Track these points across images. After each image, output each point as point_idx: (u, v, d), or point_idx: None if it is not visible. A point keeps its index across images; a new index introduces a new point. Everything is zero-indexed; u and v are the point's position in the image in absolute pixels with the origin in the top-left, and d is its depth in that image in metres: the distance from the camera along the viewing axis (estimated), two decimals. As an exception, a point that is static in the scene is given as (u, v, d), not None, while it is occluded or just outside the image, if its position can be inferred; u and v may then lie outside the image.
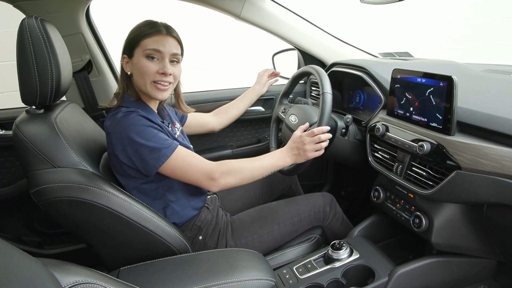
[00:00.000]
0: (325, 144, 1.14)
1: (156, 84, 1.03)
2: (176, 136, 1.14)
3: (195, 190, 1.16)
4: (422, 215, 1.04)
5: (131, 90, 1.07)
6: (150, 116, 1.02)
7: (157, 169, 0.99)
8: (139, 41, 1.01)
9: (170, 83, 1.06)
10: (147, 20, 1.05)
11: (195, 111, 1.35)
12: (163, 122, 1.10)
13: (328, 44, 1.74)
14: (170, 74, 1.04)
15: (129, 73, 1.07)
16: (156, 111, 1.14)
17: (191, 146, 1.20)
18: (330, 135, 1.15)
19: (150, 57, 1.01)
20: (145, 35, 1.01)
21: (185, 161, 1.01)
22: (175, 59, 1.06)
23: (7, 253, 0.44)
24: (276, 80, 1.72)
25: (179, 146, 1.02)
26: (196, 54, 3.42)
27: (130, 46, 1.03)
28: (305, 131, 1.16)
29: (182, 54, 1.10)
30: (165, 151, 0.98)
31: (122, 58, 1.07)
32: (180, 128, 1.26)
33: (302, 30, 1.69)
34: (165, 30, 1.03)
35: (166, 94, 1.06)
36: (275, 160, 1.12)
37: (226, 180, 1.04)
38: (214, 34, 3.47)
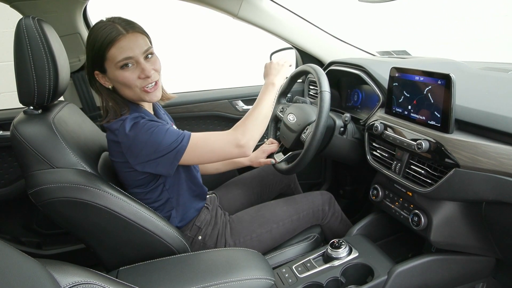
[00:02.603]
0: (289, 62, 1.25)
1: (145, 89, 0.97)
2: None
3: (198, 191, 1.15)
4: (420, 213, 1.05)
5: (122, 100, 1.01)
6: (154, 118, 1.00)
7: (179, 161, 0.96)
8: (104, 55, 0.92)
9: (156, 80, 0.99)
10: (100, 23, 0.94)
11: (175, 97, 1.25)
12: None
13: (326, 43, 1.74)
14: (154, 71, 0.98)
15: (110, 87, 1.00)
16: (153, 112, 1.12)
17: None
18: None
19: (124, 66, 0.93)
20: (107, 45, 0.91)
21: (206, 142, 0.99)
22: (149, 53, 0.97)
23: (6, 254, 0.44)
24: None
25: (192, 133, 0.99)
26: (194, 53, 3.41)
27: (98, 62, 0.94)
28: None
29: (151, 43, 1.00)
30: (182, 142, 0.95)
31: (95, 75, 0.98)
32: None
33: (300, 29, 1.69)
34: (124, 29, 0.92)
35: (159, 93, 1.02)
36: (269, 90, 1.15)
37: (252, 140, 1.03)
38: (212, 34, 3.46)
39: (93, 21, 1.62)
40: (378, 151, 1.19)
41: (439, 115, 0.95)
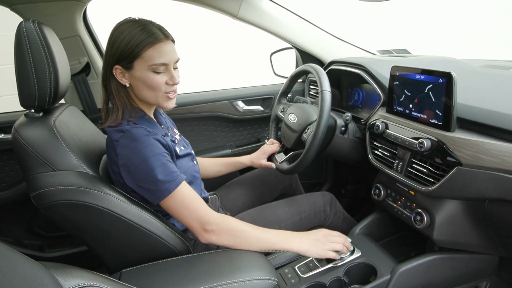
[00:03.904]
0: (348, 244, 1.05)
1: (167, 94, 0.99)
2: (177, 141, 1.13)
3: None
4: (423, 212, 1.04)
5: (130, 103, 0.99)
6: (158, 136, 0.96)
7: (159, 202, 0.95)
8: (139, 53, 0.92)
9: (175, 89, 1.02)
10: (134, 21, 0.95)
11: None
12: (162, 128, 1.08)
13: (326, 43, 1.74)
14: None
15: (127, 84, 0.98)
16: (153, 117, 1.10)
17: (193, 152, 1.18)
18: (350, 247, 1.08)
19: (157, 70, 0.95)
20: (145, 45, 0.92)
21: (184, 202, 0.95)
22: (177, 64, 1.02)
23: (8, 257, 0.44)
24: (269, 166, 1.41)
25: (183, 183, 0.95)
26: (194, 54, 3.41)
27: (128, 58, 0.93)
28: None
29: None
30: (168, 185, 0.93)
31: (114, 69, 0.95)
32: (178, 133, 1.22)
33: (299, 28, 1.69)
34: (163, 34, 0.95)
35: (174, 101, 1.04)
36: (283, 239, 0.99)
37: (219, 239, 0.96)
38: (212, 34, 3.46)
39: (93, 23, 1.62)
40: (379, 150, 1.19)
41: (440, 114, 0.95)
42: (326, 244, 0.99)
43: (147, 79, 0.95)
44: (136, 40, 0.91)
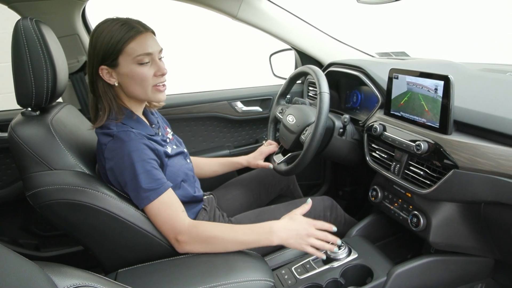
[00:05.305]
0: (328, 246, 0.96)
1: (157, 87, 0.98)
2: (168, 140, 1.13)
3: (190, 198, 1.14)
4: (420, 214, 1.05)
5: (116, 103, 0.98)
6: (145, 140, 0.95)
7: (140, 208, 0.95)
8: (122, 48, 0.92)
9: (165, 82, 1.01)
10: (115, 20, 0.95)
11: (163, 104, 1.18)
12: (153, 128, 1.07)
13: (325, 44, 1.75)
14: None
15: (116, 84, 0.97)
16: (144, 117, 1.09)
17: (185, 150, 1.18)
18: (335, 248, 1.05)
19: (142, 62, 0.94)
20: (126, 39, 0.92)
21: (161, 209, 0.93)
22: (161, 55, 1.00)
23: (3, 256, 0.44)
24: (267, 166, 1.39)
25: (166, 192, 0.94)
26: (193, 54, 3.41)
27: (111, 55, 0.93)
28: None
29: None
30: (149, 193, 0.92)
31: (100, 70, 0.95)
32: (171, 132, 1.21)
33: (299, 30, 1.70)
34: (143, 27, 0.95)
35: (165, 94, 1.03)
36: (260, 237, 0.94)
37: (192, 247, 0.94)
38: (211, 34, 3.46)
39: (92, 22, 1.62)
40: (377, 152, 1.19)
41: (437, 116, 0.96)
42: (306, 238, 0.94)
43: (134, 73, 0.94)
44: (117, 36, 0.92)
